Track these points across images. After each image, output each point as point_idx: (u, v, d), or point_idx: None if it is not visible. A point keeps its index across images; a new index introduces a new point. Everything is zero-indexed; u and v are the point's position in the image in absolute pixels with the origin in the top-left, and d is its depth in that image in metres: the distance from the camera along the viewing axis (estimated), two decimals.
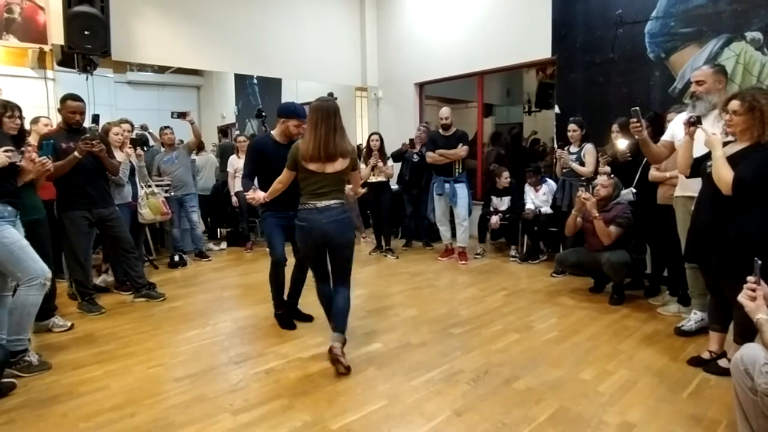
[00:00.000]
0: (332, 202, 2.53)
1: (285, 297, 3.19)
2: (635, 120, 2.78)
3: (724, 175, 2.19)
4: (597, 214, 3.54)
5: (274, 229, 3.02)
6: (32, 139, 3.47)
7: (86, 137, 3.20)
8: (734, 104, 2.23)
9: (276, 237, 3.03)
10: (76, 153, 3.19)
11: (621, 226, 3.51)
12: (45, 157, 2.68)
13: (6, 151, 2.39)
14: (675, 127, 2.91)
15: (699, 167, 2.46)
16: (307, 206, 2.55)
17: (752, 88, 2.62)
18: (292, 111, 3.03)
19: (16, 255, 2.44)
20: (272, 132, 3.14)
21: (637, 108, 2.79)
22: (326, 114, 2.47)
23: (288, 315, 3.19)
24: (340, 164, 2.52)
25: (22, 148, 2.57)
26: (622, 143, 3.69)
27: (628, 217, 3.51)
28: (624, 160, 3.73)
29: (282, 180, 2.64)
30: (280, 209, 2.94)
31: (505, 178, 5.12)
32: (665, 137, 2.99)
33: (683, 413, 2.11)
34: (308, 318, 3.25)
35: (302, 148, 2.49)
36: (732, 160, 2.22)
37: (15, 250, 2.44)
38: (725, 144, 2.32)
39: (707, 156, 2.37)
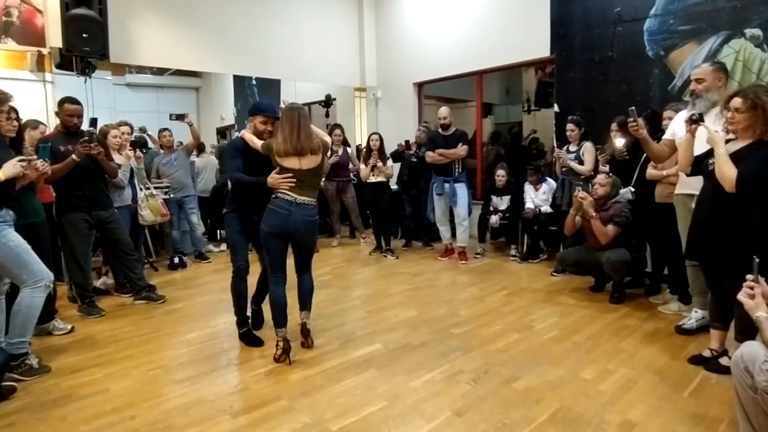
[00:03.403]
0: (309, 200, 2.66)
1: (249, 306, 3.08)
2: (632, 120, 2.78)
3: (727, 172, 2.18)
4: (593, 214, 3.53)
5: (238, 235, 2.95)
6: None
7: (84, 140, 3.20)
8: (736, 102, 2.22)
9: (240, 244, 2.96)
10: (74, 156, 3.19)
11: (619, 225, 3.50)
12: (42, 160, 2.69)
13: (21, 160, 2.43)
14: (676, 126, 2.90)
15: (700, 165, 2.45)
16: (286, 197, 2.62)
17: (754, 85, 2.62)
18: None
19: (23, 258, 2.47)
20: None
21: (634, 108, 2.79)
22: (292, 116, 2.61)
23: (254, 327, 3.09)
24: (313, 160, 2.65)
25: (30, 156, 2.58)
26: (619, 141, 3.69)
27: (626, 216, 3.50)
28: (621, 158, 3.72)
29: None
30: (245, 213, 2.91)
31: (500, 176, 5.10)
32: (666, 135, 2.98)
33: (684, 412, 2.11)
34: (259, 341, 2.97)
35: (276, 146, 2.62)
36: (734, 157, 2.21)
37: (21, 253, 2.47)
38: (726, 142, 2.31)
39: (709, 154, 2.37)
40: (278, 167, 2.65)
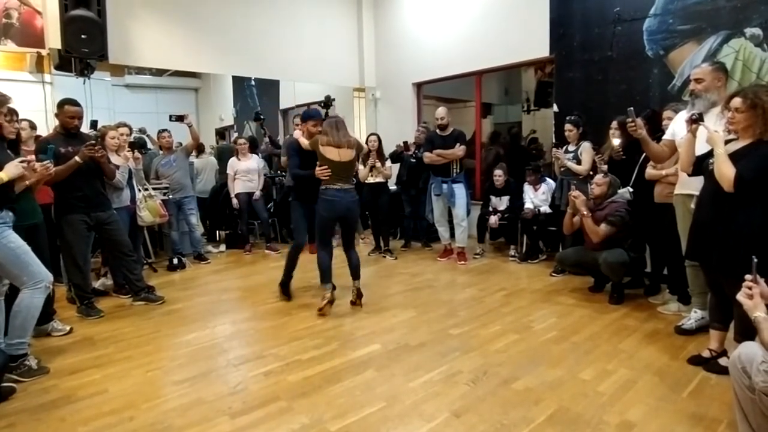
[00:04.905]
0: (350, 186, 3.50)
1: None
2: (630, 120, 2.78)
3: (726, 172, 2.18)
4: (585, 212, 3.54)
5: (301, 218, 3.75)
6: None
7: (91, 143, 3.23)
8: (736, 102, 2.22)
9: (302, 225, 3.77)
10: (77, 158, 3.20)
11: (612, 225, 3.50)
12: (48, 161, 2.69)
13: (21, 161, 2.45)
14: (676, 126, 2.89)
15: (701, 165, 2.45)
16: (335, 186, 3.41)
17: (754, 85, 2.61)
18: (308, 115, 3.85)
19: (23, 259, 2.47)
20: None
21: (632, 108, 2.79)
22: (332, 121, 3.50)
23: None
24: (348, 153, 3.44)
25: (29, 158, 2.59)
26: (615, 141, 3.69)
27: (621, 215, 3.50)
28: (618, 158, 3.72)
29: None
30: (305, 201, 3.67)
31: (498, 176, 5.10)
32: (666, 136, 2.97)
33: (684, 412, 2.10)
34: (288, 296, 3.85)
35: (320, 140, 3.41)
36: (734, 157, 2.21)
37: (21, 254, 2.47)
38: (727, 142, 2.31)
39: (709, 154, 2.36)
40: (321, 160, 3.39)
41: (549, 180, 4.94)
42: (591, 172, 4.08)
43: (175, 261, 4.91)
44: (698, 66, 2.84)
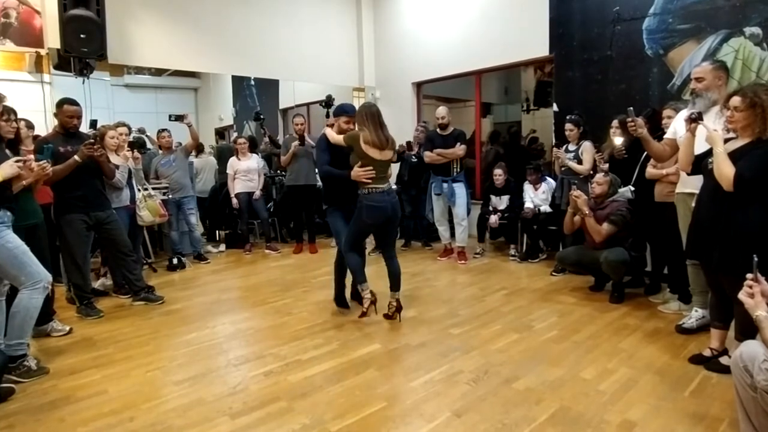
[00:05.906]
0: (391, 186, 3.24)
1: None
2: (630, 120, 2.78)
3: (725, 171, 2.18)
4: (587, 211, 3.54)
5: (342, 226, 3.41)
6: None
7: (89, 142, 3.23)
8: (735, 101, 2.22)
9: (344, 231, 3.40)
10: (76, 157, 3.20)
11: (614, 224, 3.50)
12: (45, 161, 2.68)
13: (17, 161, 2.44)
14: (677, 125, 2.89)
15: (701, 164, 2.45)
16: (378, 189, 3.10)
17: (753, 84, 2.60)
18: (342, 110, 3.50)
19: (20, 259, 2.47)
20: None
21: (632, 108, 2.79)
22: (373, 114, 3.13)
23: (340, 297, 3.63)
24: (388, 153, 3.16)
25: (26, 157, 2.58)
26: (618, 140, 3.69)
27: (622, 214, 3.50)
28: (620, 157, 3.72)
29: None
30: (342, 206, 3.37)
31: (497, 176, 5.09)
32: (668, 135, 2.97)
33: (685, 411, 2.10)
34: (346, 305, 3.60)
35: (364, 137, 3.04)
36: (733, 156, 2.21)
37: (19, 255, 2.46)
38: (726, 140, 2.31)
39: (709, 152, 2.36)
40: (362, 158, 3.04)
41: (549, 179, 4.93)
42: (591, 172, 4.08)
43: (175, 261, 4.90)
44: (699, 65, 2.84)
